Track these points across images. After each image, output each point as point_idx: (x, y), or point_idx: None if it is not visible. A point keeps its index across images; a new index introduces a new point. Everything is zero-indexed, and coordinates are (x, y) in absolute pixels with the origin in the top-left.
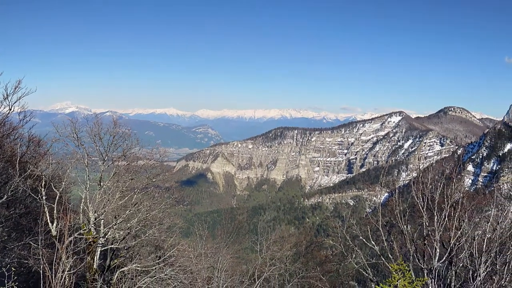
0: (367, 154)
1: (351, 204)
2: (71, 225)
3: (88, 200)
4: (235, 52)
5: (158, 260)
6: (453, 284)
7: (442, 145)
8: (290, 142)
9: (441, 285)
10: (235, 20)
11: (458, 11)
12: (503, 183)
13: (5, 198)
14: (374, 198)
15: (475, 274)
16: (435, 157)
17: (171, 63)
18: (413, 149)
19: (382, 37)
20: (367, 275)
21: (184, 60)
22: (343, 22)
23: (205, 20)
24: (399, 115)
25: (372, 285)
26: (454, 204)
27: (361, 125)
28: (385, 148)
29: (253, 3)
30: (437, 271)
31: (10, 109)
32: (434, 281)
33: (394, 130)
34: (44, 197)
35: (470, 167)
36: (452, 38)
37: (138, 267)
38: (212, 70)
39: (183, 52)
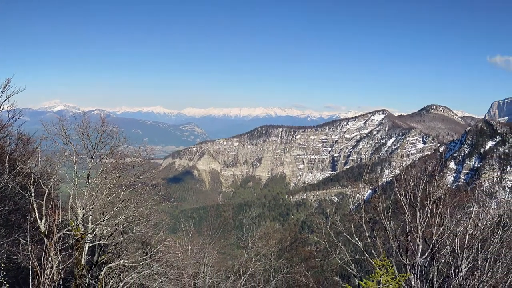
0: (350, 151)
1: (335, 201)
2: (59, 221)
3: (76, 197)
4: (221, 52)
5: (145, 256)
6: (435, 279)
7: (424, 142)
8: (275, 140)
9: (424, 280)
10: (222, 21)
11: (441, 11)
12: (484, 180)
13: None
14: (358, 195)
15: (457, 270)
16: (418, 154)
17: (158, 63)
18: (396, 146)
19: (366, 37)
20: (350, 270)
21: (171, 59)
22: (328, 23)
23: (193, 20)
24: (382, 113)
25: (356, 280)
26: (436, 201)
27: (344, 123)
28: (368, 146)
29: (239, 3)
30: (419, 266)
31: (0, 107)
32: (417, 276)
33: (377, 128)
34: (33, 194)
35: (452, 165)
36: (435, 38)
37: (125, 263)
38: (198, 69)
39: (170, 52)
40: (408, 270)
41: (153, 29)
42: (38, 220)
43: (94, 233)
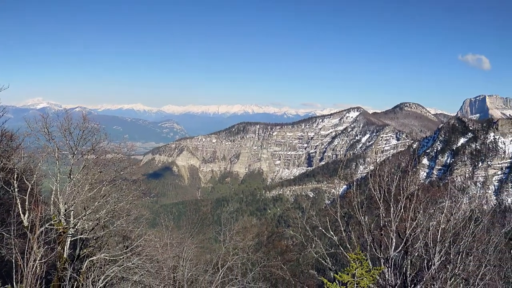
0: (326, 148)
1: (311, 196)
2: (42, 216)
3: (58, 192)
4: (199, 50)
5: (125, 249)
6: (408, 272)
7: (398, 139)
8: (252, 137)
9: (397, 273)
10: (199, 19)
11: (413, 10)
12: (456, 176)
13: None
14: (333, 190)
15: (430, 263)
16: (392, 151)
17: (138, 61)
18: (370, 143)
19: (340, 35)
20: (326, 264)
21: (151, 58)
22: (302, 21)
23: (170, 19)
24: (357, 111)
25: (331, 273)
26: (409, 196)
27: (320, 120)
28: (343, 142)
29: (218, 2)
30: (393, 260)
31: None
32: (391, 269)
33: (352, 125)
34: (16, 189)
35: (425, 161)
36: (408, 37)
37: (106, 256)
38: (177, 68)
39: (150, 51)
40: (382, 263)
41: (132, 28)
42: (21, 215)
43: (76, 227)
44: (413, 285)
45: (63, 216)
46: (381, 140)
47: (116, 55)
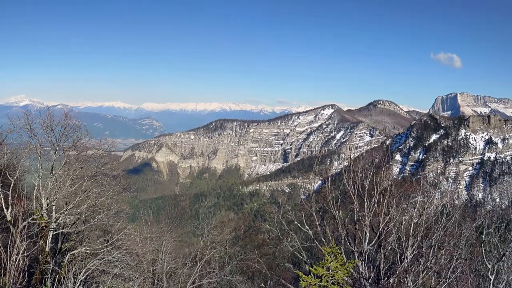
0: (301, 144)
1: (287, 191)
2: (25, 211)
3: (40, 188)
4: (178, 48)
5: (106, 243)
6: (382, 266)
7: (371, 136)
8: (229, 133)
9: (371, 266)
10: (179, 19)
11: (386, 10)
12: (428, 172)
13: None
14: (308, 185)
15: (403, 257)
16: (365, 147)
17: (118, 60)
18: (344, 139)
19: (315, 34)
20: (301, 257)
21: (130, 56)
22: (277, 21)
23: (149, 19)
24: (332, 108)
25: (307, 267)
26: (383, 191)
27: (296, 117)
28: (318, 139)
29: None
30: (367, 253)
31: None
32: (364, 263)
33: (327, 122)
34: None
35: (398, 157)
36: (382, 36)
37: (87, 250)
38: (156, 66)
39: (129, 48)
40: (356, 257)
41: (111, 27)
42: (5, 210)
43: (58, 221)
44: (386, 278)
45: (45, 211)
46: (355, 136)
47: (96, 54)
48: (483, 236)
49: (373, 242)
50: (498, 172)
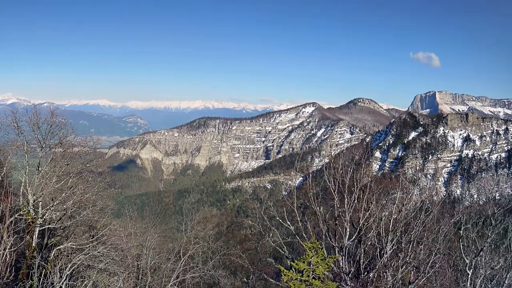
0: (283, 141)
1: (269, 187)
2: (12, 207)
3: (27, 184)
4: (161, 47)
5: (91, 239)
6: (362, 260)
7: (352, 133)
8: (212, 131)
9: (351, 261)
10: (160, 17)
11: (366, 9)
12: (407, 168)
13: None
14: (290, 182)
15: (382, 252)
16: (346, 144)
17: (103, 59)
18: (325, 137)
19: (297, 34)
20: (283, 252)
21: (114, 55)
22: (258, 21)
23: (132, 18)
24: (313, 106)
25: (288, 262)
26: (363, 188)
27: (277, 115)
28: (299, 136)
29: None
30: (347, 249)
31: None
32: (345, 258)
33: (308, 120)
34: None
35: (377, 154)
36: (362, 34)
37: (73, 245)
38: (140, 64)
39: (113, 50)
40: (336, 252)
41: (95, 27)
42: None
43: (44, 217)
44: (366, 273)
45: (32, 207)
46: (335, 134)
47: (82, 53)
48: (461, 232)
49: (353, 237)
50: (476, 168)
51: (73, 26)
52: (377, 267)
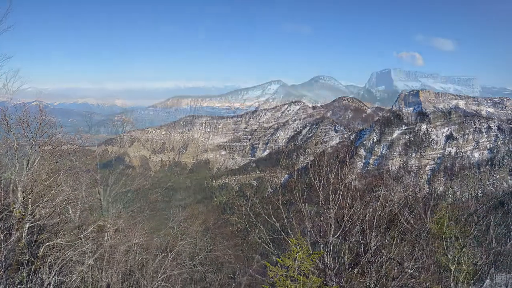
0: (269, 139)
1: (255, 184)
2: (1, 203)
3: (17, 181)
4: (144, 43)
5: (80, 235)
6: (346, 256)
7: (336, 131)
8: (199, 129)
9: (336, 257)
10: (140, 15)
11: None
12: (391, 166)
13: None
14: (275, 179)
15: (367, 248)
16: (330, 142)
17: (92, 57)
18: (310, 135)
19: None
20: (269, 249)
21: (102, 54)
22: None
23: (119, 17)
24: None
25: (274, 258)
26: (347, 185)
27: (263, 113)
28: (285, 134)
29: None
30: (332, 245)
31: None
32: (330, 254)
33: (293, 118)
34: None
35: (362, 151)
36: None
37: (62, 241)
38: (127, 64)
39: (100, 45)
40: (321, 248)
41: (81, 26)
42: None
43: (34, 214)
44: (350, 269)
45: (21, 204)
46: (320, 132)
47: (70, 51)
48: (444, 228)
49: (338, 234)
50: (459, 166)
51: (58, 25)
52: (361, 263)
